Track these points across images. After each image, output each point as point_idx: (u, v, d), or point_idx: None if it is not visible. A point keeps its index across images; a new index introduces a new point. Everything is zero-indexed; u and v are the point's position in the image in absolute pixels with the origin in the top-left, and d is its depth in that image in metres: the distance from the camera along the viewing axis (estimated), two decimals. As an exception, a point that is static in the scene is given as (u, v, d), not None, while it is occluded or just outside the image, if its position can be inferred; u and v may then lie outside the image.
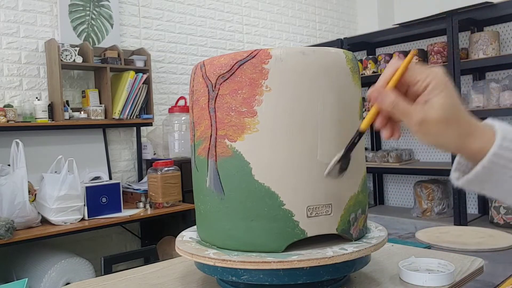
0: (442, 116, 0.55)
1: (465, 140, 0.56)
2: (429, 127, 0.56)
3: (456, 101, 0.56)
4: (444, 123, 0.55)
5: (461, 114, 0.56)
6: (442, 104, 0.55)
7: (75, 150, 2.81)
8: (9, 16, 2.64)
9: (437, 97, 0.55)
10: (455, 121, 0.55)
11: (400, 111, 0.57)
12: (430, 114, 0.55)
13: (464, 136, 0.56)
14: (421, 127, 0.56)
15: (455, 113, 0.55)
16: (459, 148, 0.57)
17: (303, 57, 0.76)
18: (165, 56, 3.33)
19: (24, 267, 2.33)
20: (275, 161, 0.75)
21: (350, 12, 4.73)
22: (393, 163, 3.39)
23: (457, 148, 0.57)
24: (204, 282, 0.90)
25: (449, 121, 0.55)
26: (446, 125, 0.55)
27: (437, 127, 0.55)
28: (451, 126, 0.55)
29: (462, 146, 0.57)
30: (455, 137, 0.56)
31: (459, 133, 0.56)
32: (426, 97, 0.56)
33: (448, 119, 0.55)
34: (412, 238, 1.53)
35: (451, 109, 0.55)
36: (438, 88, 0.55)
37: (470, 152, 0.57)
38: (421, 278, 0.82)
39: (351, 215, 0.80)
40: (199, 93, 0.82)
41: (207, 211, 0.82)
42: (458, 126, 0.56)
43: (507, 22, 3.15)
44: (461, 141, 0.56)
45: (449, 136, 0.56)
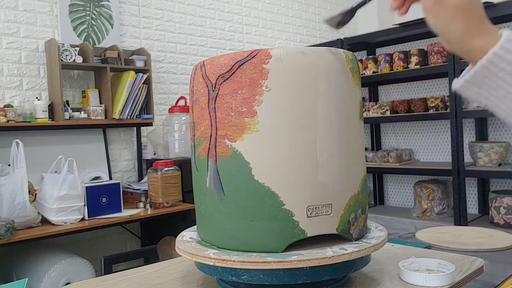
0: (459, 1, 0.54)
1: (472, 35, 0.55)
2: (443, 9, 0.55)
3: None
4: (460, 9, 0.54)
5: (477, 8, 0.55)
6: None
7: (75, 150, 2.81)
8: (9, 16, 2.64)
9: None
10: (469, 12, 0.55)
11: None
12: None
13: (472, 30, 0.55)
14: (435, 8, 0.55)
15: (471, 4, 0.55)
16: (463, 42, 0.56)
17: (303, 57, 0.76)
18: (165, 56, 3.33)
19: (24, 267, 2.33)
20: (275, 161, 0.75)
21: (350, 12, 4.73)
22: (393, 163, 3.39)
23: (461, 41, 0.56)
24: (204, 282, 0.90)
25: (465, 10, 0.54)
26: (460, 13, 0.54)
27: (452, 11, 0.55)
28: (463, 16, 0.55)
29: (466, 40, 0.56)
30: (463, 28, 0.55)
31: (469, 25, 0.55)
32: None
33: (465, 7, 0.54)
34: (412, 238, 1.53)
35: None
36: None
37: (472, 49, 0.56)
38: (421, 278, 0.82)
39: (351, 215, 0.80)
40: (199, 93, 0.82)
41: (207, 211, 0.82)
42: (470, 18, 0.55)
43: (507, 22, 3.15)
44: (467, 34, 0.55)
45: (458, 25, 0.55)
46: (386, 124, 3.85)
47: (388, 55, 3.42)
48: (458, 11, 0.55)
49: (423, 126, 3.60)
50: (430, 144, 3.57)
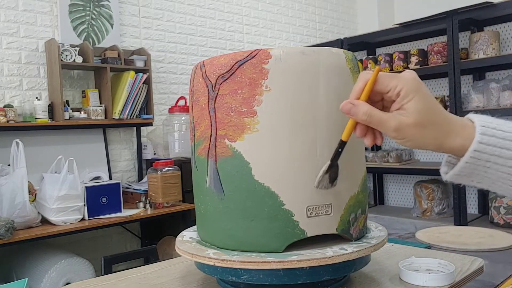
0: (417, 120, 0.56)
1: (445, 140, 0.57)
2: (405, 132, 0.57)
3: (430, 103, 0.57)
4: (420, 126, 0.56)
5: (437, 115, 0.57)
6: (416, 109, 0.56)
7: (75, 150, 2.81)
8: (9, 16, 2.64)
9: (410, 103, 0.56)
10: (431, 122, 0.56)
11: (375, 120, 0.58)
12: (404, 120, 0.56)
13: (443, 136, 0.57)
14: (398, 133, 0.57)
15: (430, 115, 0.56)
16: (440, 148, 0.58)
17: (303, 57, 0.76)
18: (165, 56, 3.33)
19: (24, 267, 2.33)
20: (275, 161, 0.75)
21: (350, 12, 4.73)
22: (393, 163, 3.39)
23: (437, 148, 0.58)
24: (204, 282, 0.90)
25: (425, 124, 0.56)
26: (422, 128, 0.56)
27: (414, 131, 0.56)
28: (427, 128, 0.56)
29: (442, 145, 0.57)
30: (433, 138, 0.57)
31: (437, 133, 0.57)
32: (399, 104, 0.57)
33: (424, 122, 0.56)
34: (412, 238, 1.53)
35: (425, 112, 0.56)
36: (410, 93, 0.56)
37: (452, 150, 0.58)
38: (421, 278, 0.82)
39: (351, 215, 0.80)
40: (199, 93, 0.82)
41: (207, 211, 0.82)
42: (435, 127, 0.56)
43: (507, 22, 3.15)
44: (440, 141, 0.57)
45: (427, 138, 0.57)
46: (386, 124, 3.85)
47: (388, 55, 3.42)
48: (419, 128, 0.56)
49: (423, 126, 3.60)
50: (430, 144, 3.57)
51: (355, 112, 0.59)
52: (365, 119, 0.58)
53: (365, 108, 0.58)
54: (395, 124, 0.56)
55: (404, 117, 0.56)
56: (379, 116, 0.57)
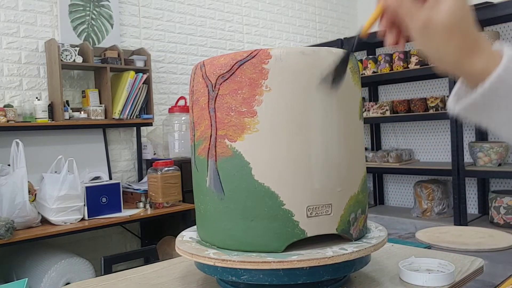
0: (448, 21, 0.50)
1: (468, 56, 0.51)
2: (432, 33, 0.51)
3: (467, 11, 0.51)
4: (449, 30, 0.50)
5: (469, 26, 0.51)
6: (451, 9, 0.50)
7: (75, 150, 2.81)
8: (9, 16, 2.64)
9: (447, 1, 0.50)
10: (461, 31, 0.50)
11: (405, 9, 0.52)
12: (436, 17, 0.50)
13: (467, 51, 0.51)
14: (424, 31, 0.51)
15: (462, 23, 0.51)
16: (459, 65, 0.52)
17: (303, 57, 0.76)
18: (165, 56, 3.33)
19: (24, 267, 2.33)
20: (275, 161, 0.75)
21: (350, 12, 4.73)
22: (393, 163, 3.39)
23: (457, 63, 0.52)
24: (204, 282, 0.90)
25: (455, 30, 0.50)
26: (450, 34, 0.50)
27: (441, 33, 0.51)
28: (455, 36, 0.50)
29: (463, 62, 0.51)
30: (457, 49, 0.51)
31: (463, 46, 0.51)
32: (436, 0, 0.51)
33: (454, 27, 0.50)
34: (412, 238, 1.53)
35: (460, 17, 0.50)
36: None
37: (471, 71, 0.51)
38: (421, 278, 0.82)
39: (351, 215, 0.80)
40: (199, 93, 0.82)
41: (207, 211, 0.82)
42: (463, 37, 0.51)
43: (507, 22, 3.15)
44: (463, 56, 0.51)
45: (451, 47, 0.51)
46: (386, 124, 3.86)
47: (388, 55, 3.42)
48: (448, 32, 0.50)
49: (423, 126, 3.60)
50: (430, 144, 3.57)
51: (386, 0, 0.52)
52: (395, 4, 0.52)
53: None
54: (424, 19, 0.50)
55: (436, 14, 0.50)
56: (410, 6, 0.51)
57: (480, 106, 0.51)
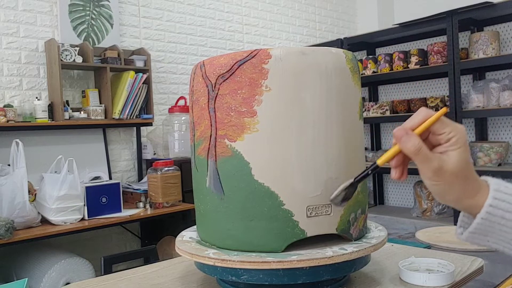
0: (456, 169, 0.58)
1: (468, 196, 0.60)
2: (442, 177, 0.59)
3: (468, 159, 0.60)
4: (455, 176, 0.59)
5: (470, 172, 0.60)
6: (459, 159, 0.59)
7: (75, 150, 2.81)
8: (9, 16, 2.64)
9: (456, 151, 0.59)
10: (464, 177, 0.59)
11: (421, 156, 0.59)
12: (447, 165, 0.58)
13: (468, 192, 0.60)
14: (436, 175, 0.59)
15: (466, 170, 0.59)
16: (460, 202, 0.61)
17: (303, 57, 0.76)
18: (165, 56, 3.33)
19: (24, 267, 2.33)
20: (275, 161, 0.75)
21: (350, 12, 4.73)
22: (393, 163, 3.38)
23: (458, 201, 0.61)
24: (204, 282, 0.90)
25: (460, 176, 0.59)
26: (456, 179, 0.59)
27: (449, 178, 0.59)
28: (461, 182, 0.59)
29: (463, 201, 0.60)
30: (461, 191, 0.59)
31: (466, 189, 0.59)
32: (445, 148, 0.59)
33: (460, 174, 0.59)
34: (412, 238, 1.53)
35: (465, 165, 0.59)
36: (459, 143, 0.59)
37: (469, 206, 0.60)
38: (421, 278, 0.82)
39: (351, 215, 0.80)
40: (199, 93, 0.82)
41: (207, 211, 0.82)
42: (466, 182, 0.59)
43: (507, 22, 3.15)
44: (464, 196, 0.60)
45: (457, 190, 0.59)
46: (386, 124, 3.86)
47: (388, 55, 3.42)
48: (456, 178, 0.59)
49: (423, 126, 3.59)
50: (430, 144, 3.57)
51: (405, 141, 0.60)
52: (413, 151, 0.59)
53: (417, 141, 0.59)
54: (437, 165, 0.58)
55: (448, 162, 0.59)
56: (426, 153, 0.59)
57: (482, 232, 0.60)
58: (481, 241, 0.61)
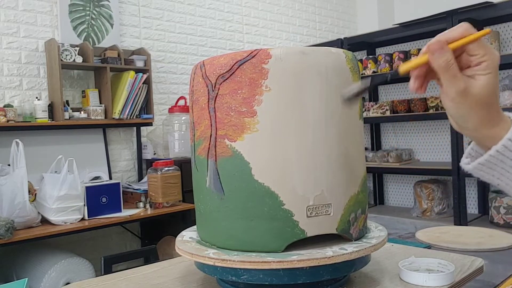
0: (482, 94, 0.56)
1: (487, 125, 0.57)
2: (466, 99, 0.56)
3: (497, 87, 0.57)
4: (482, 103, 0.56)
5: (496, 100, 0.58)
6: (487, 84, 0.56)
7: (75, 150, 2.81)
8: (9, 16, 2.64)
9: (485, 76, 0.56)
10: (489, 104, 0.56)
11: (450, 73, 0.56)
12: (474, 88, 0.56)
13: (488, 121, 0.57)
14: (460, 96, 0.56)
15: (491, 97, 0.57)
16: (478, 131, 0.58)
17: (303, 57, 0.76)
18: (165, 56, 3.33)
19: (24, 267, 2.33)
20: (275, 161, 0.75)
21: (350, 12, 4.73)
22: (393, 163, 3.39)
23: (476, 129, 0.58)
24: (204, 282, 0.90)
25: (486, 103, 0.56)
26: (481, 105, 0.56)
27: (474, 104, 0.56)
28: (484, 108, 0.56)
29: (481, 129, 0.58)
30: (481, 119, 0.57)
31: (487, 117, 0.57)
32: (474, 72, 0.56)
33: (484, 100, 0.56)
34: (412, 238, 1.53)
35: (491, 92, 0.56)
36: (490, 68, 0.56)
37: (485, 136, 0.58)
38: (421, 278, 0.82)
39: (351, 215, 0.80)
40: (199, 93, 0.82)
41: (207, 211, 0.82)
42: (489, 110, 0.57)
43: (507, 22, 3.15)
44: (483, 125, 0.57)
45: (478, 117, 0.57)
46: (386, 124, 3.86)
47: (388, 55, 3.42)
48: (480, 104, 0.56)
49: (423, 126, 3.60)
50: (430, 144, 3.57)
51: (439, 54, 0.56)
52: (443, 66, 0.56)
53: (450, 56, 0.56)
54: (464, 86, 0.56)
55: (475, 85, 0.56)
56: (455, 72, 0.56)
57: (491, 164, 0.58)
58: (486, 174, 0.59)
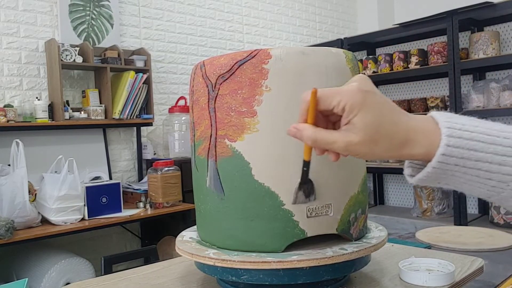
0: (365, 136, 0.52)
1: (401, 151, 0.53)
2: (356, 150, 0.53)
3: (380, 115, 0.53)
4: (369, 142, 0.52)
5: (389, 127, 0.53)
6: (363, 124, 0.52)
7: (75, 150, 2.81)
8: (9, 16, 2.64)
9: (356, 118, 0.52)
10: (382, 136, 0.52)
11: (323, 143, 0.54)
12: (353, 138, 0.53)
13: (397, 148, 0.53)
14: (349, 151, 0.54)
15: (380, 129, 0.52)
16: (399, 157, 0.54)
17: (303, 57, 0.76)
18: (165, 56, 3.33)
19: (24, 267, 2.33)
20: (275, 161, 0.75)
21: (350, 12, 4.73)
22: (393, 163, 3.39)
23: (396, 157, 0.54)
24: (204, 282, 0.90)
25: (375, 139, 0.52)
26: (372, 144, 0.53)
27: (364, 148, 0.53)
28: (379, 143, 0.53)
29: (400, 155, 0.54)
30: (386, 151, 0.53)
31: (390, 146, 0.53)
32: (346, 119, 0.53)
33: (373, 137, 0.52)
34: (412, 238, 1.53)
35: (374, 126, 0.52)
36: (354, 108, 0.52)
37: (412, 157, 0.54)
38: (421, 278, 0.82)
39: (351, 215, 0.80)
40: (199, 93, 0.82)
41: (207, 211, 0.82)
42: (387, 140, 0.53)
43: (507, 22, 3.15)
44: (395, 153, 0.53)
45: (380, 152, 0.53)
46: (386, 124, 3.85)
47: (388, 55, 3.42)
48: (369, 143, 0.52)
49: (423, 126, 3.59)
50: (430, 144, 3.57)
51: (300, 137, 0.56)
52: (311, 144, 0.55)
53: (309, 132, 0.55)
54: (343, 144, 0.53)
55: (353, 133, 0.53)
56: (325, 139, 0.54)
57: (434, 178, 0.53)
58: (431, 184, 0.55)
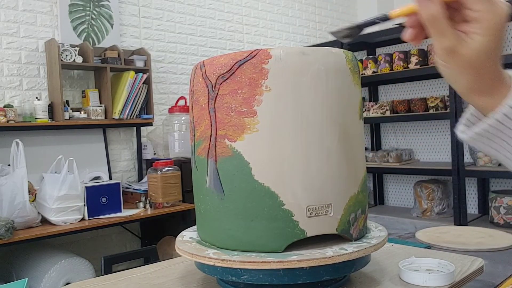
0: (473, 58, 0.48)
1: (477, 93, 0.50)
2: (454, 60, 0.49)
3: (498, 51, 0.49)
4: (470, 66, 0.48)
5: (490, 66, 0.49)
6: (482, 48, 0.47)
7: (75, 150, 2.81)
8: (9, 16, 2.64)
9: (482, 39, 0.47)
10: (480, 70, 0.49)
11: (436, 29, 0.49)
12: (464, 49, 0.48)
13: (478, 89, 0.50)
14: (446, 55, 0.49)
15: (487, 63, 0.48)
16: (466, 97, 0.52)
17: (303, 57, 0.76)
18: (165, 56, 3.33)
19: (24, 267, 2.33)
20: (275, 161, 0.75)
21: (350, 12, 4.73)
22: (393, 163, 3.39)
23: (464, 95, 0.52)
24: (204, 282, 0.90)
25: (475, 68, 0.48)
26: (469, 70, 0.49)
27: (461, 66, 0.49)
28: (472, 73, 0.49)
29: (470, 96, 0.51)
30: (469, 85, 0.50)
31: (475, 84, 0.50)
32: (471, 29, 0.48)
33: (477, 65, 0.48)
34: (412, 238, 1.53)
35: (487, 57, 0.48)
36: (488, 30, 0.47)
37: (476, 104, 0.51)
38: (421, 278, 0.82)
39: (351, 215, 0.80)
40: (199, 93, 0.82)
41: (207, 211, 0.82)
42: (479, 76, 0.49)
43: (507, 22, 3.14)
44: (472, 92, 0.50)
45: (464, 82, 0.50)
46: (386, 124, 3.85)
47: (388, 55, 3.42)
48: (468, 68, 0.49)
49: (423, 126, 3.60)
50: (430, 144, 3.57)
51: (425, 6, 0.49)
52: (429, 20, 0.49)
53: (434, 9, 0.48)
54: (452, 44, 0.48)
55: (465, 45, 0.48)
56: (442, 26, 0.48)
57: (490, 136, 0.50)
58: (484, 145, 0.51)
